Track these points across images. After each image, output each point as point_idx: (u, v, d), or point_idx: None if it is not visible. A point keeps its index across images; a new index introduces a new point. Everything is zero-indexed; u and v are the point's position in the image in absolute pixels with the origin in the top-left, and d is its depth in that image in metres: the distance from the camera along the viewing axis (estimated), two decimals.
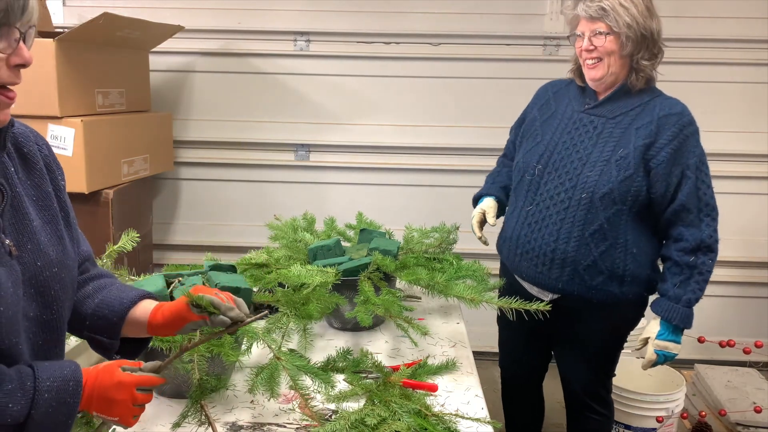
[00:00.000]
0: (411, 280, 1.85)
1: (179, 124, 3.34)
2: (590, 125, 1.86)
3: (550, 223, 1.85)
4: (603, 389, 2.07)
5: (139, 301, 1.15)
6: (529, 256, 1.90)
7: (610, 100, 1.85)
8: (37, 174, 1.05)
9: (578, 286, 1.86)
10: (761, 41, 3.18)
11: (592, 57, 1.82)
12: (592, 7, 1.77)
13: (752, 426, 2.61)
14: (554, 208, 1.85)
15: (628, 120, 1.82)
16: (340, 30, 3.26)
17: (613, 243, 1.82)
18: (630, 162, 1.78)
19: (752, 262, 3.37)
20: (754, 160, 3.30)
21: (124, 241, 1.73)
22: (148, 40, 3.00)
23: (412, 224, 2.27)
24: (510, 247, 1.97)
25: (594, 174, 1.80)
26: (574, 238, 1.82)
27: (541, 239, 1.86)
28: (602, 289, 1.85)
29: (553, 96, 2.00)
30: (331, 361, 1.64)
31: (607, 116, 1.85)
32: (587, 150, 1.83)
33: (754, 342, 2.47)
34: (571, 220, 1.82)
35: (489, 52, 3.25)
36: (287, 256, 2.00)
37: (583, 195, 1.80)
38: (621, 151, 1.79)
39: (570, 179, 1.83)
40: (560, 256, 1.84)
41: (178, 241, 3.47)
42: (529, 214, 1.90)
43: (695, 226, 1.79)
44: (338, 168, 3.38)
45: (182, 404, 1.37)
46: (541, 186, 1.88)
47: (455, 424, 1.38)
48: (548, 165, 1.88)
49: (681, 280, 1.80)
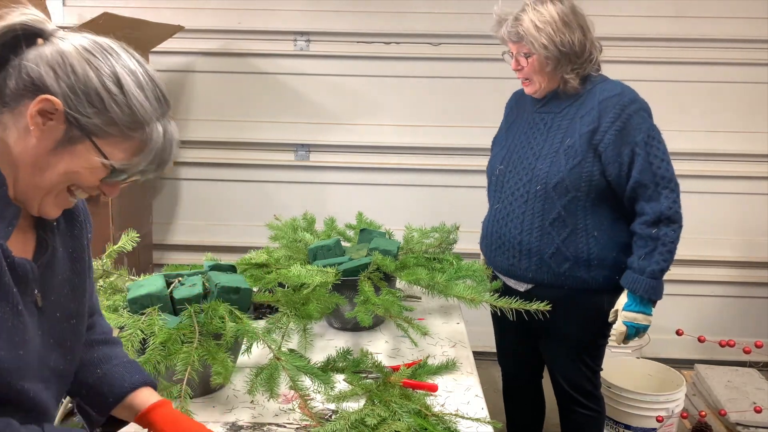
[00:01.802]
0: (411, 280, 1.85)
1: (179, 124, 3.29)
2: (541, 122, 1.97)
3: (513, 217, 1.95)
4: (588, 383, 2.08)
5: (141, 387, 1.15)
6: (501, 250, 2.00)
7: (553, 98, 1.95)
8: (77, 226, 1.07)
9: (547, 274, 1.93)
10: (761, 41, 3.18)
11: (521, 76, 1.95)
12: (512, 32, 1.89)
13: (752, 426, 2.61)
14: (516, 203, 1.95)
15: (573, 110, 1.91)
16: (340, 30, 3.26)
17: (574, 229, 1.88)
18: (577, 149, 1.85)
19: (752, 262, 3.37)
20: (754, 160, 3.30)
21: (124, 241, 1.73)
22: (148, 40, 3.00)
23: (412, 224, 2.27)
24: (487, 244, 2.08)
25: (545, 166, 1.89)
26: (536, 228, 1.91)
27: (509, 233, 1.96)
28: (570, 275, 1.91)
29: (516, 104, 2.13)
30: (331, 361, 1.64)
31: (555, 111, 1.95)
32: (539, 145, 1.94)
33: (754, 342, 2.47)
34: (531, 212, 1.92)
35: (489, 52, 3.24)
36: (287, 256, 1.99)
37: (537, 187, 1.90)
38: (568, 141, 1.88)
39: (526, 174, 1.93)
40: (526, 246, 1.93)
41: (178, 241, 3.47)
42: (497, 211, 2.02)
43: (654, 200, 1.81)
44: (338, 168, 3.38)
45: None
46: (504, 184, 2.00)
47: (455, 424, 1.38)
48: (509, 165, 2.00)
49: (645, 252, 1.83)
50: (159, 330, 1.38)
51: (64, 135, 0.89)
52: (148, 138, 0.93)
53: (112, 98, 0.89)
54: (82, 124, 0.89)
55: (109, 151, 0.91)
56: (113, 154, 0.91)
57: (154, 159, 0.95)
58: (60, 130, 0.88)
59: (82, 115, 0.88)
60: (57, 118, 0.88)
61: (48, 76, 0.87)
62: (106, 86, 0.89)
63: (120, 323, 1.43)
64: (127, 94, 0.90)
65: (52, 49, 0.89)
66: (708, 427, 2.63)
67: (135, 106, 0.90)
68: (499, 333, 2.25)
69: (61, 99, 0.87)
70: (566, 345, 2.03)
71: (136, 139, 0.92)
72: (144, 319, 1.41)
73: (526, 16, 1.87)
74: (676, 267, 1.96)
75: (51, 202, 0.94)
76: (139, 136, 0.92)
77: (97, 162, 0.91)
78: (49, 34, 0.91)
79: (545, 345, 2.11)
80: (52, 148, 0.89)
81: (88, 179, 0.92)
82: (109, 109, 0.89)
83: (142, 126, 0.92)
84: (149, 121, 0.92)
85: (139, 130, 0.92)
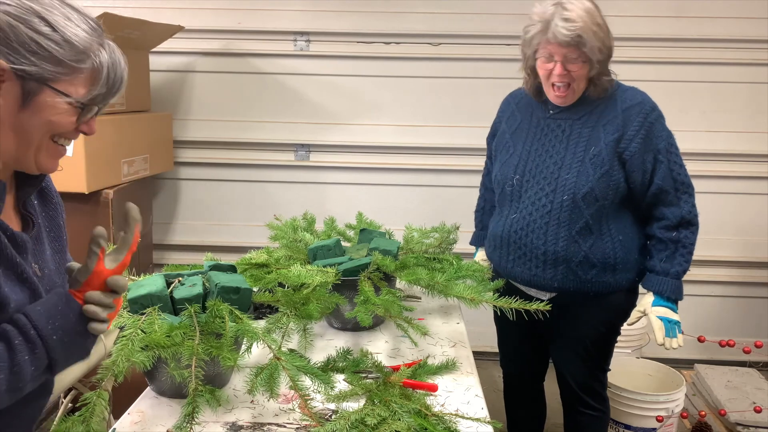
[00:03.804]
0: (411, 280, 1.85)
1: (179, 124, 3.34)
2: (558, 129, 1.90)
3: (535, 227, 1.89)
4: (597, 383, 2.08)
5: None
6: (521, 260, 1.94)
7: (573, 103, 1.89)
8: (52, 207, 1.13)
9: (573, 282, 1.90)
10: (761, 41, 3.19)
11: (563, 81, 1.82)
12: (569, 35, 1.71)
13: (752, 426, 2.61)
14: (537, 213, 1.89)
15: (594, 118, 1.87)
16: (340, 30, 3.26)
17: (599, 235, 1.87)
18: (604, 158, 1.82)
19: (752, 262, 3.37)
20: (755, 160, 3.30)
21: None
22: (148, 40, 3.00)
23: (412, 224, 2.27)
24: (501, 254, 2.00)
25: (571, 176, 1.84)
26: (561, 238, 1.87)
27: (530, 243, 1.90)
28: (597, 280, 1.90)
29: (517, 107, 2.04)
30: (331, 361, 1.64)
31: (573, 118, 1.89)
32: (560, 153, 1.88)
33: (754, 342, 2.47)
34: (556, 222, 1.87)
35: (489, 52, 3.25)
36: (287, 256, 1.99)
37: (564, 197, 1.85)
38: (593, 150, 1.84)
39: (549, 183, 1.87)
40: (551, 256, 1.88)
41: (178, 241, 3.47)
42: (514, 221, 1.94)
43: (675, 205, 1.85)
44: (338, 168, 3.38)
45: (182, 404, 1.37)
46: (522, 194, 1.92)
47: (455, 424, 1.38)
48: (525, 173, 1.92)
49: (666, 255, 1.87)
50: (160, 327, 1.38)
51: (22, 90, 0.92)
52: (97, 65, 0.97)
53: (47, 39, 0.92)
54: (32, 74, 0.92)
55: (69, 90, 0.95)
56: (74, 91, 0.95)
57: (110, 81, 0.99)
58: (16, 86, 0.92)
59: (28, 64, 0.91)
60: (7, 77, 0.91)
61: None
62: (36, 30, 0.92)
63: (120, 323, 1.42)
64: (59, 29, 0.93)
65: None
66: (708, 427, 2.62)
67: (71, 38, 0.94)
68: (504, 336, 2.23)
69: (3, 58, 0.90)
70: (581, 346, 2.02)
71: (86, 70, 0.96)
72: (144, 319, 1.41)
73: (576, 15, 1.72)
74: None
75: (44, 156, 0.98)
76: (89, 65, 0.96)
77: (63, 104, 0.95)
78: None
79: (557, 347, 2.08)
80: (19, 107, 0.93)
81: (64, 123, 0.97)
82: (50, 50, 0.92)
83: (86, 55, 0.95)
84: (90, 48, 0.96)
85: (85, 60, 0.95)
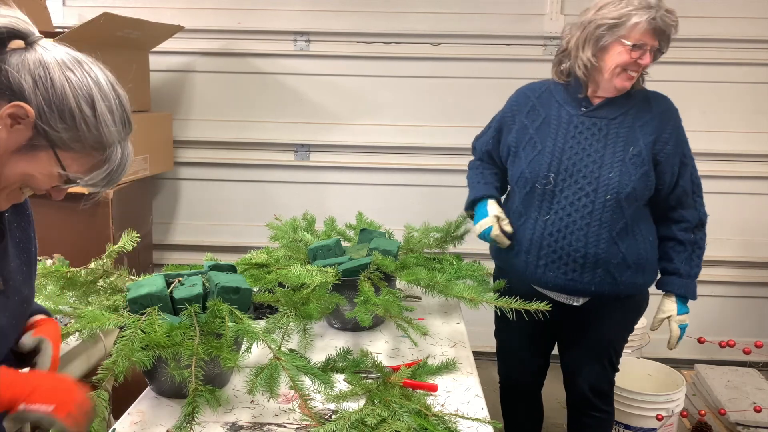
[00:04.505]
0: (411, 280, 1.85)
1: (179, 124, 3.34)
2: (594, 128, 1.86)
3: (575, 229, 1.83)
4: (608, 384, 2.08)
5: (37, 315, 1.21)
6: (556, 264, 1.87)
7: (607, 104, 1.86)
8: (25, 219, 1.14)
9: (609, 285, 1.87)
10: (761, 41, 3.18)
11: (638, 71, 1.80)
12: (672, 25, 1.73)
13: (752, 426, 2.61)
14: (577, 214, 1.83)
15: (630, 119, 1.85)
16: (340, 30, 3.26)
17: (634, 236, 1.87)
18: (644, 158, 1.82)
19: (752, 262, 3.37)
20: (755, 160, 3.30)
21: (124, 241, 1.73)
22: (148, 40, 3.00)
23: (412, 224, 2.27)
24: (529, 259, 1.91)
25: (614, 175, 1.81)
26: (603, 240, 1.83)
27: (569, 246, 1.84)
28: (629, 282, 1.88)
29: (538, 101, 1.95)
30: (331, 361, 1.64)
31: (608, 117, 1.86)
32: (599, 152, 1.84)
33: (754, 342, 2.47)
34: (597, 223, 1.82)
35: (489, 52, 3.25)
36: (287, 256, 1.99)
37: (607, 197, 1.81)
38: (632, 150, 1.82)
39: (589, 183, 1.82)
40: (591, 259, 1.84)
41: (178, 241, 3.47)
42: (548, 223, 1.86)
43: (692, 207, 1.91)
44: (338, 168, 3.38)
45: (182, 404, 1.37)
46: (557, 194, 1.86)
47: (455, 424, 1.37)
48: (560, 172, 1.85)
49: (686, 257, 1.91)
50: (160, 327, 1.38)
51: (29, 141, 0.93)
52: (107, 158, 0.99)
53: (83, 119, 0.94)
54: (49, 136, 0.93)
55: (68, 163, 0.96)
56: (71, 166, 0.96)
57: (107, 177, 1.01)
58: (26, 135, 0.93)
59: (51, 128, 0.93)
60: (26, 124, 0.92)
61: (27, 84, 0.91)
62: (80, 107, 0.93)
63: (120, 323, 1.43)
64: (99, 117, 0.95)
65: (35, 59, 0.93)
66: (708, 426, 2.62)
67: (103, 129, 0.96)
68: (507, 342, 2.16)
69: (35, 109, 0.91)
70: (601, 348, 2.01)
71: (96, 157, 0.98)
72: (144, 319, 1.41)
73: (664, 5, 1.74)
74: None
75: (3, 197, 1.00)
76: (100, 155, 0.98)
77: (54, 171, 0.96)
78: (33, 41, 0.94)
79: (574, 351, 2.06)
80: (15, 150, 0.94)
81: (42, 183, 0.98)
82: (79, 128, 0.94)
83: (104, 147, 0.98)
84: (112, 143, 0.98)
85: (101, 150, 0.98)
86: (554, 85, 1.95)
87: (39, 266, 1.63)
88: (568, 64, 1.88)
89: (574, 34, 1.84)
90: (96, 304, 1.55)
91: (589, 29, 1.79)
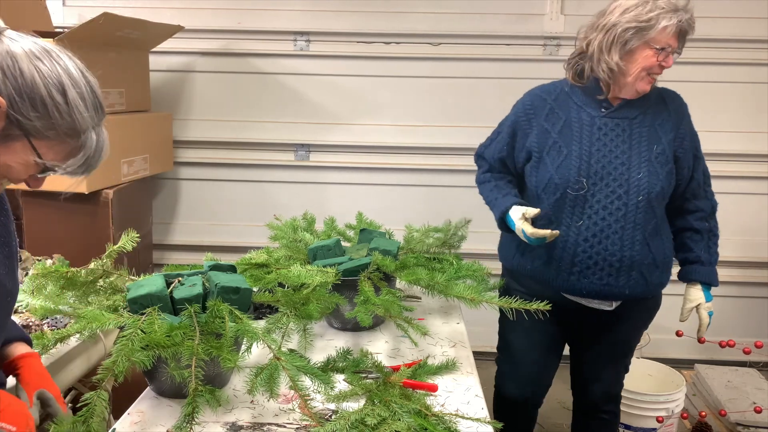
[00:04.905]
0: (411, 280, 1.85)
1: (179, 124, 3.34)
2: (618, 129, 1.83)
3: (610, 232, 1.80)
4: (619, 385, 2.11)
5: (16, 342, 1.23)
6: (591, 270, 1.83)
7: (626, 104, 1.84)
8: (3, 213, 1.15)
9: (642, 286, 1.86)
10: (761, 41, 3.18)
11: (660, 73, 1.79)
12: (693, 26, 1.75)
13: (752, 426, 2.61)
14: (611, 217, 1.80)
15: (649, 118, 1.85)
16: (340, 30, 3.26)
17: (660, 235, 1.88)
18: (668, 156, 1.84)
19: (752, 262, 3.37)
20: (754, 160, 3.30)
21: (124, 241, 1.73)
22: (148, 40, 3.00)
23: (412, 224, 2.27)
24: (562, 266, 1.85)
25: (644, 175, 1.80)
26: (637, 242, 1.81)
27: (605, 251, 1.81)
28: (658, 282, 1.90)
29: (555, 104, 1.90)
30: (331, 361, 1.64)
31: (629, 117, 1.84)
32: (625, 153, 1.81)
33: (754, 342, 2.47)
34: (631, 225, 1.81)
35: (489, 52, 3.25)
36: (287, 256, 1.99)
37: (639, 198, 1.80)
38: (656, 148, 1.83)
39: (620, 185, 1.80)
40: (627, 262, 1.81)
41: (178, 241, 3.47)
42: (582, 228, 1.82)
43: (703, 197, 1.94)
44: (338, 168, 3.38)
45: (182, 404, 1.37)
46: (589, 198, 1.81)
47: (455, 424, 1.38)
48: (590, 176, 1.81)
49: (704, 246, 1.92)
50: (160, 327, 1.38)
51: (3, 131, 0.94)
52: (83, 145, 0.99)
53: (56, 106, 0.94)
54: (22, 125, 0.94)
55: (44, 151, 0.97)
56: (47, 154, 0.97)
57: (85, 163, 1.02)
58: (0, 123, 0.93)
59: (24, 117, 0.93)
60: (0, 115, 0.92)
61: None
62: (51, 94, 0.94)
63: (120, 323, 1.42)
64: (70, 104, 0.95)
65: (2, 49, 0.93)
66: (708, 427, 2.62)
67: (75, 115, 0.96)
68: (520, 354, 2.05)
69: (6, 99, 0.92)
70: (620, 349, 2.03)
71: (71, 144, 0.98)
72: (144, 319, 1.41)
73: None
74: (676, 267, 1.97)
75: None
76: (75, 142, 0.98)
77: (31, 160, 0.97)
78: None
79: (593, 355, 2.04)
80: None
81: (20, 173, 0.99)
82: (52, 116, 0.94)
83: (79, 134, 0.98)
84: (86, 129, 0.98)
85: (75, 137, 0.98)
86: (569, 86, 1.90)
87: (39, 266, 1.63)
88: (588, 66, 1.84)
89: (594, 37, 1.79)
90: (96, 304, 1.55)
91: (616, 32, 1.74)
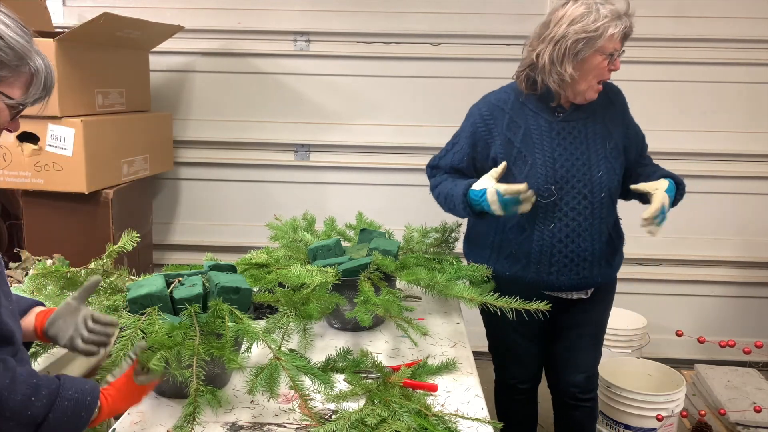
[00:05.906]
0: (411, 280, 1.85)
1: (179, 124, 3.34)
2: (574, 131, 1.91)
3: (581, 231, 1.90)
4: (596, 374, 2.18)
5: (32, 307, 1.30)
6: (568, 268, 1.92)
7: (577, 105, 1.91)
8: None
9: (609, 271, 2.01)
10: (761, 41, 3.18)
11: (609, 77, 1.86)
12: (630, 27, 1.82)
13: (752, 426, 2.61)
14: (580, 217, 1.89)
15: (599, 116, 1.93)
16: (340, 30, 3.26)
17: (616, 221, 2.02)
18: (619, 149, 1.94)
19: (752, 262, 3.37)
20: (754, 160, 3.30)
21: (124, 241, 1.73)
22: (148, 40, 3.00)
23: (412, 224, 2.27)
24: (540, 268, 1.92)
25: (603, 173, 1.89)
26: (604, 235, 1.95)
27: (578, 248, 1.90)
28: (617, 265, 2.04)
29: (512, 112, 1.93)
30: (331, 361, 1.64)
31: (582, 117, 1.92)
32: (584, 154, 1.90)
33: (754, 342, 2.47)
34: (598, 221, 1.91)
35: (489, 52, 3.25)
36: (287, 256, 1.99)
37: (602, 195, 1.90)
38: (609, 144, 1.92)
39: (584, 185, 1.88)
40: (598, 254, 1.94)
41: (178, 241, 3.47)
42: (556, 231, 1.89)
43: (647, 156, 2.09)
44: (338, 168, 3.38)
45: (182, 404, 1.37)
46: (558, 202, 1.88)
47: (455, 424, 1.38)
48: (556, 181, 1.87)
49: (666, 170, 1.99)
50: (160, 327, 1.38)
51: None
52: (36, 70, 1.08)
53: None
54: None
55: (9, 91, 1.06)
56: (12, 92, 1.06)
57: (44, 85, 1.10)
58: None
59: None
60: None
61: None
62: None
63: (120, 323, 1.42)
64: (4, 37, 1.03)
65: None
66: (708, 426, 2.63)
67: (12, 44, 1.04)
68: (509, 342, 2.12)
69: None
70: (594, 332, 2.11)
71: (25, 73, 1.07)
72: (144, 319, 1.41)
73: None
74: (676, 267, 1.98)
75: None
76: (27, 69, 1.07)
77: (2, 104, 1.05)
78: None
79: (573, 340, 2.09)
80: None
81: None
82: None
83: (25, 59, 1.06)
84: (28, 51, 1.07)
85: (24, 63, 1.06)
86: (522, 94, 1.94)
87: (39, 266, 1.63)
88: (540, 78, 1.86)
89: (544, 49, 1.81)
90: (96, 304, 1.55)
91: (566, 44, 1.76)
